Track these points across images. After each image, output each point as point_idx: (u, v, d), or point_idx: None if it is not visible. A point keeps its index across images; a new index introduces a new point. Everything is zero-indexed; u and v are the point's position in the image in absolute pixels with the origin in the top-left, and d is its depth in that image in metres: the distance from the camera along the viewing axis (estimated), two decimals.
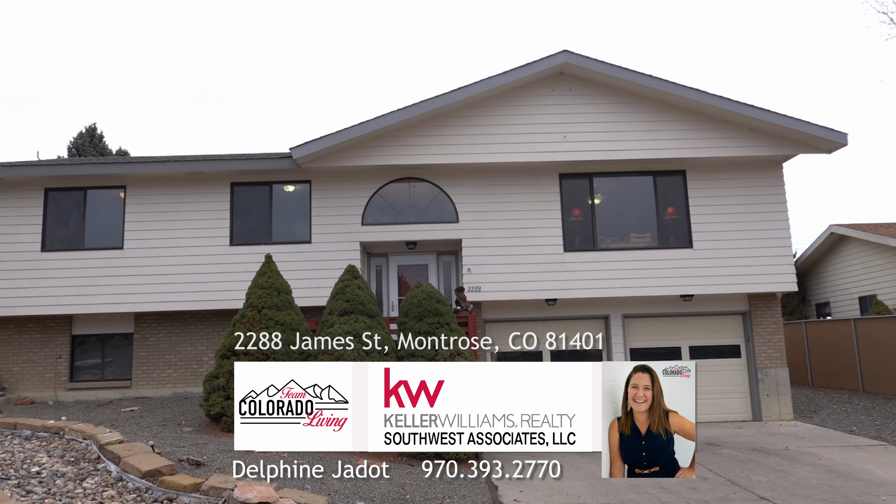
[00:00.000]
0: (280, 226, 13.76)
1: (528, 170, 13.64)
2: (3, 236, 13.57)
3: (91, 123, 31.97)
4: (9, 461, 8.43)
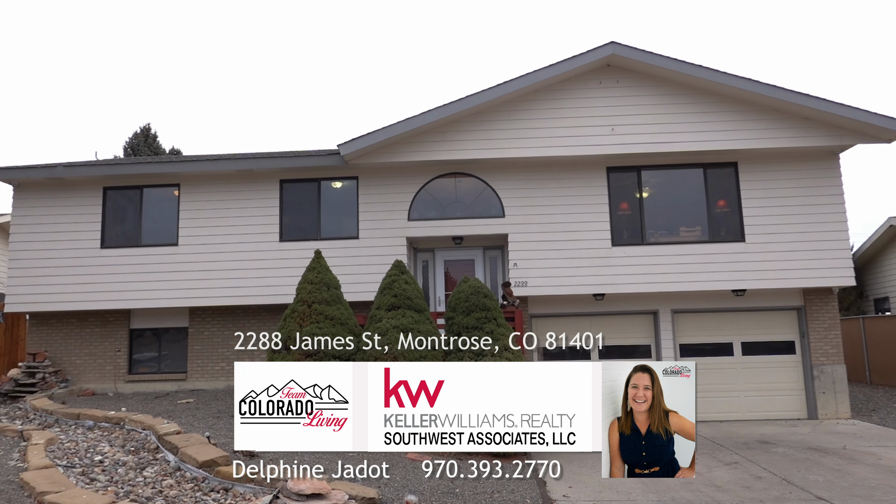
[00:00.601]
0: (328, 222, 13.95)
1: (575, 163, 13.51)
2: (65, 234, 14.10)
3: (145, 123, 32.90)
4: (73, 450, 8.80)
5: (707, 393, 13.42)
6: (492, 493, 7.48)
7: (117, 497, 6.81)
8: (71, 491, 6.73)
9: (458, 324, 10.28)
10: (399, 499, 7.00)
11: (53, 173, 13.98)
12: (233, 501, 6.83)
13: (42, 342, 14.39)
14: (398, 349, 9.72)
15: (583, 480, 8.34)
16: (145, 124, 32.95)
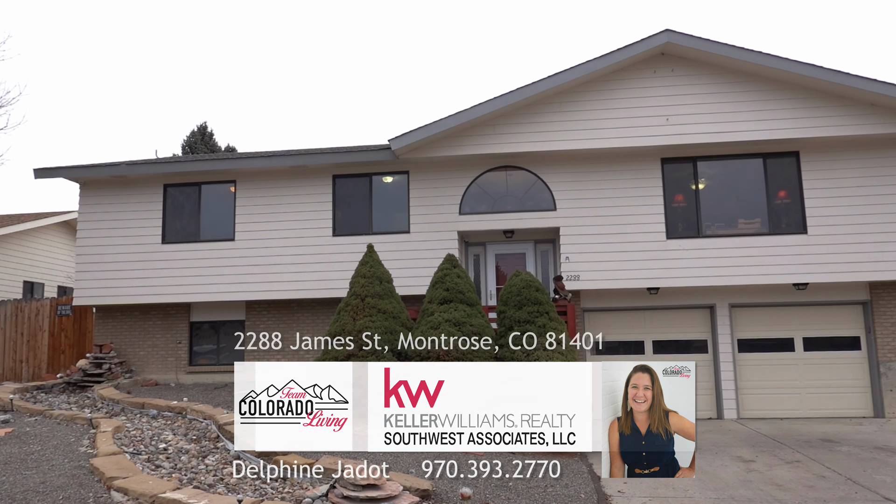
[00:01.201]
0: (380, 216, 14.08)
1: (628, 155, 13.29)
2: (128, 230, 14.61)
3: (202, 122, 33.79)
4: (139, 438, 9.13)
5: (766, 389, 13.07)
6: (545, 488, 7.44)
7: (181, 483, 7.04)
8: (138, 477, 6.99)
9: (510, 318, 10.26)
10: (453, 490, 7.04)
11: (117, 171, 14.50)
12: (290, 490, 6.98)
13: (108, 334, 14.96)
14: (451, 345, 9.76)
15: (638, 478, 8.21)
16: (202, 123, 33.85)
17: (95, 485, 6.99)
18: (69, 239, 23.90)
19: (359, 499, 6.07)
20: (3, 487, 6.96)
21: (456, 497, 6.85)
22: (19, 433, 9.29)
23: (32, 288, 22.35)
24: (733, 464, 8.96)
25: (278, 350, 14.26)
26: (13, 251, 21.60)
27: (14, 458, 8.03)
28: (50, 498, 6.63)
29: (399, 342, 10.38)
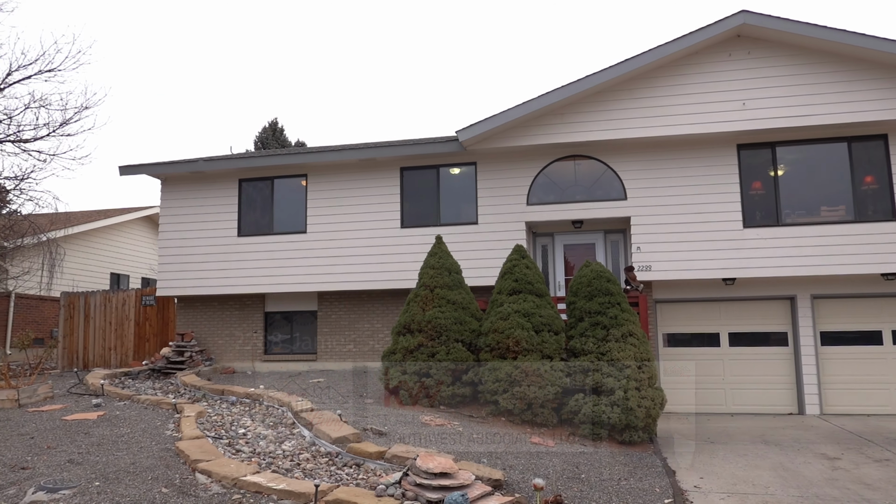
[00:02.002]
0: (447, 208, 14.13)
1: (702, 142, 12.88)
2: (206, 223, 15.18)
3: (273, 118, 34.68)
4: (220, 423, 9.49)
5: (851, 384, 12.48)
6: (619, 481, 7.34)
7: (260, 468, 7.29)
8: (220, 460, 7.28)
9: (581, 308, 10.13)
10: (524, 481, 7.04)
11: (195, 168, 15.06)
12: (364, 476, 7.12)
13: (189, 323, 15.60)
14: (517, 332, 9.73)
15: (715, 472, 8.01)
16: (273, 119, 34.74)
17: (181, 466, 7.32)
18: (151, 232, 25.03)
19: (431, 486, 6.13)
20: (97, 467, 7.37)
21: (528, 487, 6.84)
22: (110, 416, 9.82)
23: (118, 279, 23.53)
24: (817, 461, 8.61)
25: (350, 341, 14.59)
26: (100, 244, 22.78)
27: (106, 439, 8.49)
28: (140, 478, 6.98)
29: (468, 332, 10.43)
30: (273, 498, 6.34)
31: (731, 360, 12.92)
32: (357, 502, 5.98)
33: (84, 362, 16.63)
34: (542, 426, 9.76)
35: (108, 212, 23.87)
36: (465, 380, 10.28)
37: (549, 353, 9.78)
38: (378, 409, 10.02)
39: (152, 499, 6.41)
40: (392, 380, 10.60)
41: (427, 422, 9.15)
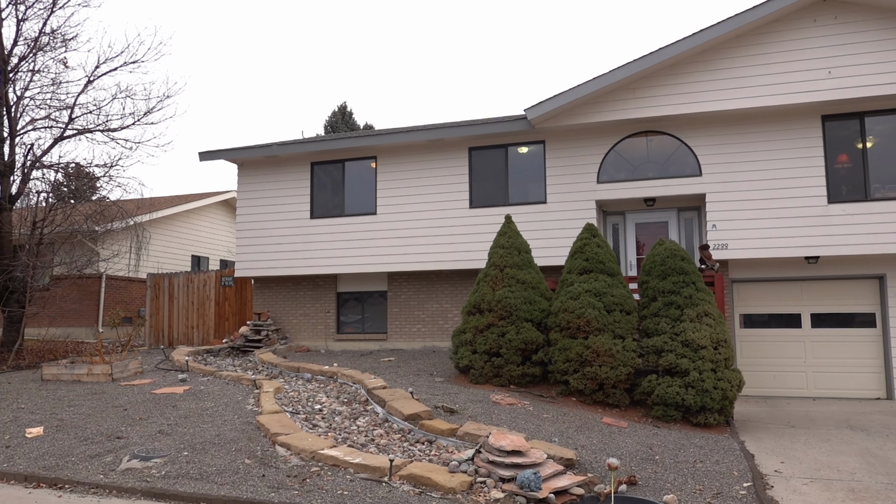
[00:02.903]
0: (516, 187, 14.04)
1: (783, 113, 12.31)
2: (281, 206, 15.62)
3: (342, 102, 35.19)
4: (296, 398, 9.82)
5: None
6: (694, 463, 7.21)
7: (337, 442, 7.52)
8: (298, 434, 7.55)
9: (654, 288, 9.93)
10: (597, 461, 7.00)
11: (269, 152, 15.48)
12: (437, 453, 7.24)
13: (265, 303, 16.15)
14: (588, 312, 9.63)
15: (796, 456, 7.76)
16: (342, 103, 35.27)
17: (262, 439, 7.63)
18: (228, 216, 25.93)
19: (504, 464, 6.19)
20: (185, 437, 7.77)
21: (601, 467, 6.80)
22: (195, 391, 10.31)
23: (199, 261, 24.54)
24: None
25: (419, 321, 14.77)
26: (182, 228, 23.78)
27: (192, 412, 8.93)
28: (224, 449, 7.32)
29: (538, 312, 10.40)
30: (349, 471, 6.54)
31: (814, 341, 12.40)
32: (431, 477, 6.10)
33: (169, 340, 17.47)
34: (613, 407, 9.66)
35: (188, 197, 24.86)
36: (534, 359, 10.27)
37: (620, 333, 9.64)
38: (448, 387, 10.14)
39: (236, 469, 6.72)
40: (462, 359, 10.69)
41: (497, 401, 9.21)
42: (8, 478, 6.94)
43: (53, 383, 11.50)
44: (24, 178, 15.38)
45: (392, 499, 5.84)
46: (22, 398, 10.28)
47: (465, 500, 5.82)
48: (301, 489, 6.12)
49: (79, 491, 6.49)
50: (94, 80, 15.57)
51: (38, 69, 15.31)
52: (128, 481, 6.54)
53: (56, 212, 15.79)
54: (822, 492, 6.36)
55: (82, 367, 11.68)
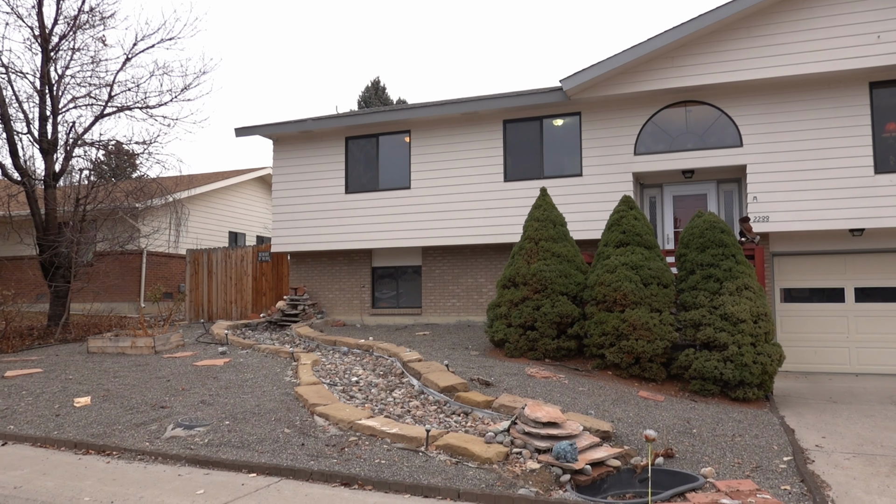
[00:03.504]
0: (551, 160, 13.88)
1: (829, 81, 11.90)
2: (316, 181, 15.71)
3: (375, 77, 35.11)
4: (333, 371, 9.96)
5: None
6: (732, 437, 7.14)
7: (373, 413, 7.61)
8: (336, 405, 7.66)
9: (692, 261, 9.77)
10: (633, 434, 6.97)
11: (304, 127, 15.54)
12: (473, 424, 7.29)
13: (301, 278, 16.34)
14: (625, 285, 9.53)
15: (838, 431, 7.62)
16: (375, 78, 35.16)
17: (300, 410, 7.76)
18: (264, 192, 26.21)
19: (539, 435, 6.20)
20: (226, 408, 7.95)
21: (637, 440, 6.78)
22: (235, 363, 10.52)
23: (236, 237, 24.91)
24: None
25: (453, 295, 14.81)
26: (219, 204, 24.12)
27: (233, 383, 9.12)
28: (264, 419, 7.47)
29: (573, 285, 10.33)
30: (387, 441, 6.63)
31: (857, 316, 12.10)
32: (467, 448, 6.15)
33: (208, 314, 17.82)
34: (649, 381, 9.59)
35: (225, 173, 25.16)
36: (570, 333, 10.22)
37: (657, 306, 9.53)
38: (483, 360, 10.17)
39: (276, 438, 6.86)
40: (497, 332, 10.70)
41: (532, 374, 9.21)
42: (59, 444, 7.19)
43: (99, 355, 11.84)
44: (66, 156, 15.73)
45: (429, 468, 5.91)
46: (70, 369, 10.61)
47: (501, 470, 5.85)
48: (339, 458, 6.22)
49: (126, 457, 6.71)
50: (131, 58, 15.79)
51: (78, 47, 15.59)
52: (172, 449, 6.73)
53: (98, 189, 16.14)
54: (864, 466, 6.24)
55: (126, 340, 12.00)
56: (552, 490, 5.55)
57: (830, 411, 8.70)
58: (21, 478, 6.08)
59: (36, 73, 15.31)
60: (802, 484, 5.68)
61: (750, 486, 5.58)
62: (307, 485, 5.76)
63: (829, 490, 5.57)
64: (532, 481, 5.62)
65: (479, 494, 5.34)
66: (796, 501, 5.28)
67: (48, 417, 8.02)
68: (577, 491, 5.58)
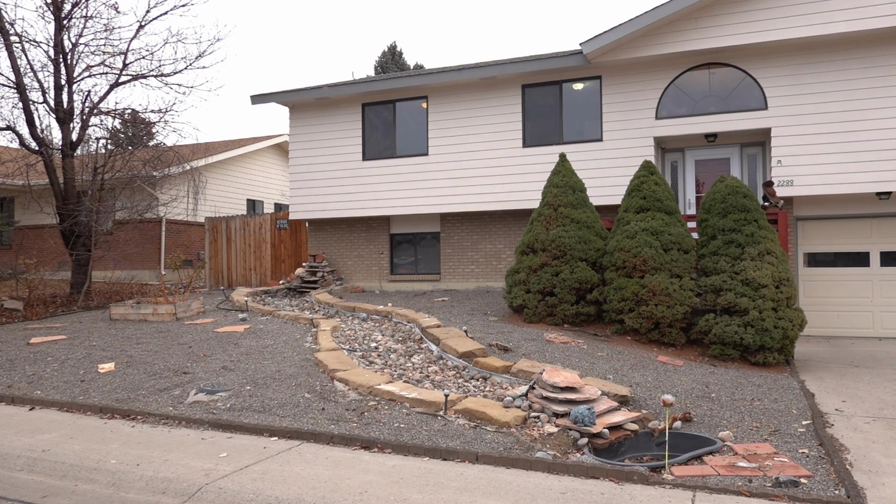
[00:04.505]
0: (570, 125, 13.68)
1: (857, 40, 11.53)
2: (333, 148, 15.65)
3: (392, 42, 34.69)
4: (353, 337, 10.02)
5: None
6: (751, 401, 7.10)
7: (392, 378, 7.66)
8: (355, 370, 7.72)
9: (713, 226, 9.63)
10: (651, 398, 6.96)
11: (320, 94, 15.44)
12: (491, 389, 7.32)
13: (320, 245, 16.40)
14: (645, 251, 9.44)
15: (859, 395, 7.55)
16: (391, 43, 34.77)
17: (320, 375, 7.84)
18: (282, 160, 26.20)
19: (557, 400, 6.21)
20: (247, 373, 8.05)
21: (655, 404, 6.77)
22: (255, 329, 10.63)
23: (254, 205, 25.00)
24: None
25: (472, 262, 14.78)
26: (236, 172, 24.17)
27: (253, 350, 9.22)
28: (285, 384, 7.56)
29: (592, 251, 10.25)
30: (406, 405, 6.68)
31: (882, 280, 11.91)
32: (485, 412, 6.18)
33: (228, 281, 17.99)
34: (669, 346, 9.56)
35: (241, 141, 25.15)
36: (589, 299, 10.18)
37: (678, 272, 9.44)
38: (502, 326, 10.18)
39: (297, 402, 6.94)
40: (515, 298, 10.68)
41: (551, 339, 9.20)
42: (84, 409, 7.34)
43: (121, 322, 12.02)
44: (83, 125, 15.79)
45: (447, 431, 5.95)
46: (93, 336, 10.79)
47: (519, 433, 5.88)
48: (360, 422, 6.29)
49: (150, 422, 6.83)
50: (145, 25, 15.71)
51: (91, 15, 15.55)
52: (195, 413, 6.84)
53: (115, 158, 16.22)
54: (885, 430, 6.19)
55: (147, 308, 12.16)
56: (570, 453, 5.57)
57: (851, 375, 8.62)
58: (49, 441, 6.22)
59: (49, 41, 15.33)
60: (820, 447, 5.65)
61: (767, 449, 5.56)
62: (328, 448, 5.84)
63: (848, 453, 5.53)
64: (550, 445, 5.64)
65: (496, 458, 5.38)
66: (814, 464, 5.26)
67: (73, 383, 8.17)
68: (594, 454, 5.60)
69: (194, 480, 5.08)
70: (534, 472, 5.21)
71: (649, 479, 4.98)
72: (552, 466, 5.22)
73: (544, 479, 5.03)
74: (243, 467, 5.35)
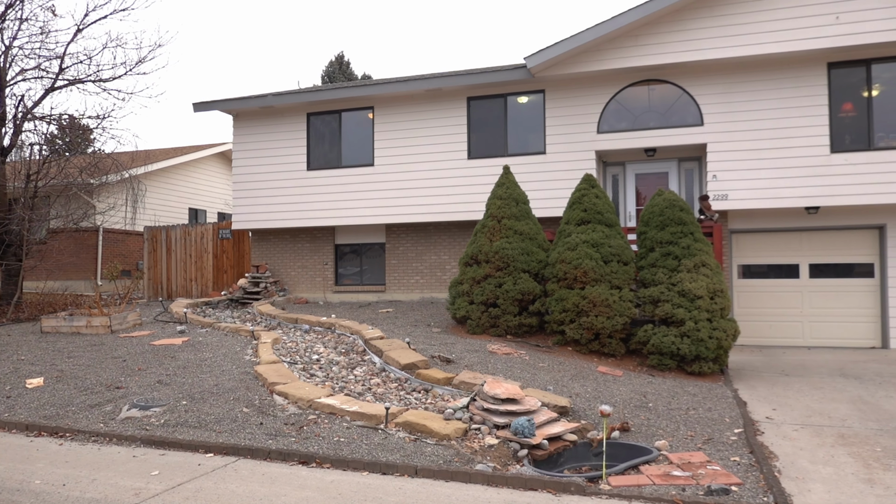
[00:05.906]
0: (515, 138, 13.85)
1: (788, 61, 12.05)
2: (277, 157, 15.45)
3: (339, 52, 34.53)
4: (294, 349, 9.87)
5: None
6: (687, 410, 7.29)
7: (334, 391, 7.58)
8: (295, 383, 7.60)
9: (652, 238, 9.88)
10: (591, 409, 7.07)
11: (264, 102, 15.23)
12: (433, 401, 7.31)
13: (263, 255, 16.13)
14: (585, 263, 9.60)
15: (788, 403, 7.83)
16: (339, 53, 34.60)
17: (259, 388, 7.69)
18: (225, 168, 25.73)
19: (498, 411, 6.24)
20: (184, 387, 7.83)
21: (594, 414, 6.87)
22: (193, 342, 10.36)
23: (196, 214, 24.44)
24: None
25: (417, 273, 14.78)
26: (178, 180, 23.61)
27: (191, 363, 8.99)
28: (223, 398, 7.38)
29: (535, 263, 10.37)
30: (346, 419, 6.61)
31: (811, 291, 12.42)
32: (426, 425, 6.16)
33: (168, 292, 17.52)
34: (609, 356, 9.73)
35: (184, 149, 24.59)
36: (531, 310, 10.29)
37: (617, 283, 9.64)
38: (445, 337, 10.19)
39: (234, 417, 6.79)
40: (459, 310, 10.71)
41: (494, 350, 9.26)
42: (10, 427, 7.02)
43: (53, 335, 11.56)
44: (15, 130, 15.18)
45: (388, 445, 5.91)
46: (22, 350, 10.34)
47: (460, 446, 5.88)
48: (298, 436, 6.19)
49: (79, 439, 6.57)
50: (83, 29, 15.22)
51: (26, 17, 14.96)
52: (127, 430, 6.61)
53: (50, 164, 15.64)
54: (811, 437, 6.43)
55: (81, 320, 11.72)
56: (509, 465, 5.60)
57: (782, 384, 8.94)
58: None
59: None
60: (751, 455, 5.83)
61: (701, 457, 5.71)
62: (265, 464, 5.72)
63: (777, 460, 5.73)
64: (490, 457, 5.66)
65: (436, 471, 5.36)
66: (744, 472, 5.42)
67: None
68: (534, 465, 5.64)
69: (123, 500, 4.91)
70: (473, 484, 5.22)
71: (587, 490, 5.05)
72: (492, 479, 5.24)
73: (483, 492, 5.05)
74: (175, 486, 5.20)
